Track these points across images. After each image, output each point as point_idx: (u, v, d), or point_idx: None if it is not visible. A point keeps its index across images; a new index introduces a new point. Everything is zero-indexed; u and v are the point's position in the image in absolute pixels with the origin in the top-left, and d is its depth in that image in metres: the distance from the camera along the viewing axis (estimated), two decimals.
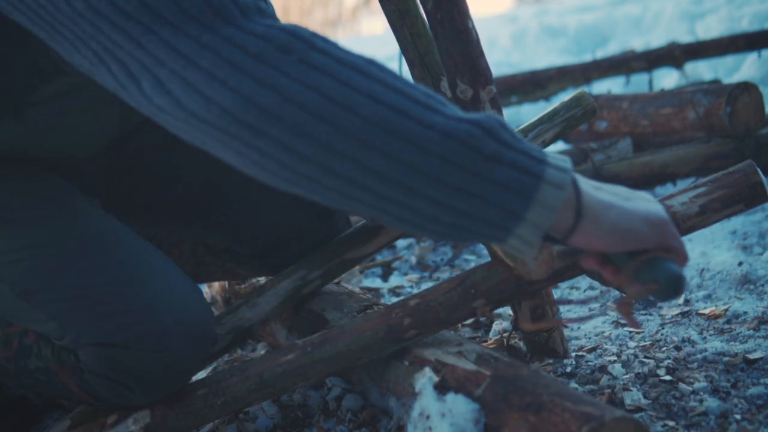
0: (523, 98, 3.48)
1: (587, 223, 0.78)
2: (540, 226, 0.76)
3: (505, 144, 0.74)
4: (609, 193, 0.81)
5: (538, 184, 0.74)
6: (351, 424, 1.15)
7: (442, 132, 0.73)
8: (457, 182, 0.73)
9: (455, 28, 0.98)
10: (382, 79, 0.76)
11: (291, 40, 0.75)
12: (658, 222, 0.80)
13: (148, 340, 1.06)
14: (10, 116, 1.07)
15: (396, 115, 0.73)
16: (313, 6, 16.42)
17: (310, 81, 0.74)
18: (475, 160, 0.73)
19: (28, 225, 1.11)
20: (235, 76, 0.74)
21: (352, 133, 0.73)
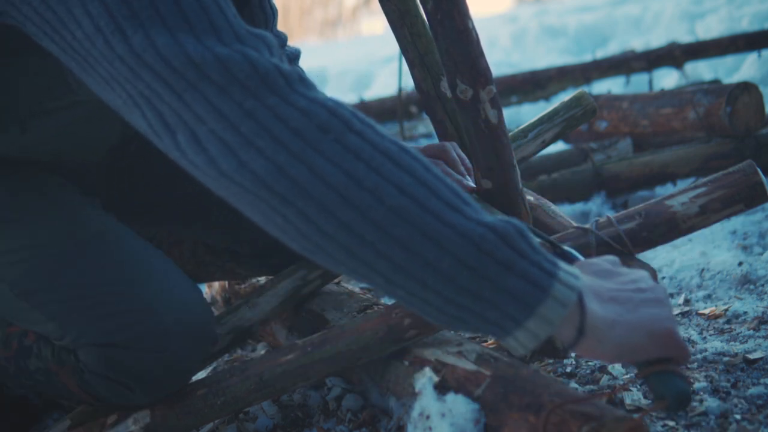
0: (523, 98, 3.49)
1: (589, 341, 0.79)
2: (538, 336, 0.78)
3: (518, 252, 0.76)
4: (617, 303, 0.81)
5: (543, 298, 0.76)
6: (351, 424, 1.15)
7: (460, 233, 0.75)
8: (468, 283, 0.76)
9: (455, 28, 0.98)
10: (411, 170, 0.77)
11: (330, 118, 0.78)
12: (661, 336, 0.81)
13: (148, 340, 1.06)
14: (16, 125, 1.07)
15: (419, 210, 0.76)
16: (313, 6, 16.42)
17: (343, 163, 0.76)
18: (486, 264, 0.75)
19: (28, 225, 1.11)
20: (272, 147, 0.76)
21: (374, 221, 0.75)
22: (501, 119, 1.04)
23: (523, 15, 8.16)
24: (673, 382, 0.81)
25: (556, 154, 2.35)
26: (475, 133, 1.05)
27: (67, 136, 1.12)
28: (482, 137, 1.05)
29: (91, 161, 1.22)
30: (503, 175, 1.08)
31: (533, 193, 1.26)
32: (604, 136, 2.44)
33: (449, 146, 1.17)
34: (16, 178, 1.14)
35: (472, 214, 0.78)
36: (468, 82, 1.00)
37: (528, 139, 1.28)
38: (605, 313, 0.79)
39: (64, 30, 0.82)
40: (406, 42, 1.19)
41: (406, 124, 3.31)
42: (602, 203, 2.13)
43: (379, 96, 3.97)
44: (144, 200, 1.34)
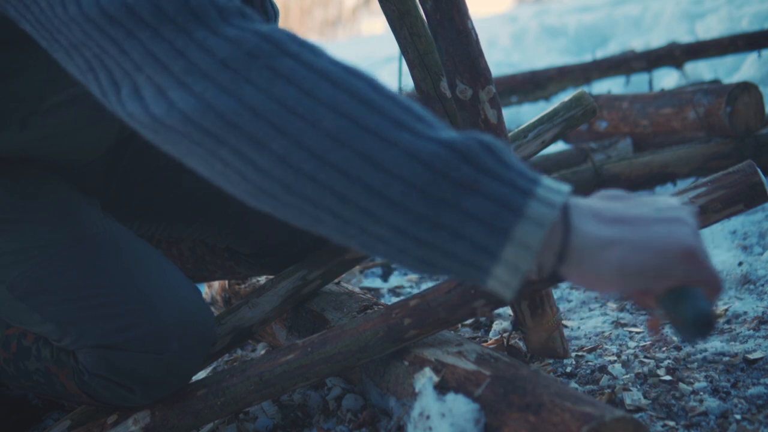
0: (523, 98, 3.49)
1: (579, 266, 0.68)
2: (519, 268, 0.66)
3: (483, 170, 0.66)
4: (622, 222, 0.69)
5: (516, 219, 0.65)
6: (351, 424, 1.15)
7: (405, 151, 0.67)
8: (422, 209, 0.66)
9: (455, 29, 0.98)
10: (352, 89, 0.70)
11: (261, 43, 0.72)
12: (678, 253, 0.68)
13: (148, 341, 1.06)
14: (16, 123, 1.07)
15: (358, 131, 0.68)
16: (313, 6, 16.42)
17: (273, 89, 0.70)
18: (441, 186, 0.66)
19: (28, 226, 1.11)
20: (201, 82, 0.71)
21: (310, 148, 0.68)
22: (500, 119, 1.04)
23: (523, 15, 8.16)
24: (696, 301, 0.68)
25: (556, 154, 2.36)
26: None
27: (65, 134, 1.12)
28: None
29: (90, 161, 1.22)
30: None
31: None
32: (604, 136, 2.44)
33: None
34: (16, 178, 1.14)
35: (425, 131, 0.68)
36: (467, 82, 1.00)
37: (528, 139, 1.28)
38: (602, 232, 0.67)
39: (33, 5, 0.81)
40: (406, 42, 1.19)
41: None
42: None
43: None
44: (143, 199, 1.34)
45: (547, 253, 0.67)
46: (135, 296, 1.07)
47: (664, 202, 0.72)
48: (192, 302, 1.10)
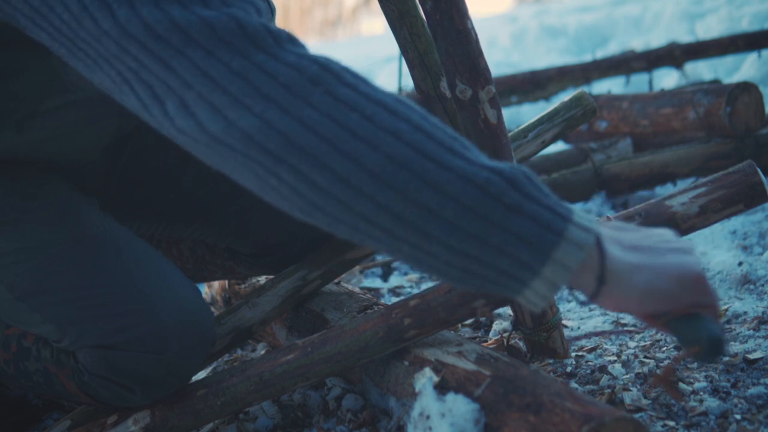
0: (523, 98, 3.49)
1: (611, 288, 0.74)
2: (555, 284, 0.73)
3: (527, 196, 0.73)
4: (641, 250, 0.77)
5: (558, 241, 0.72)
6: (351, 424, 1.15)
7: (461, 176, 0.72)
8: (473, 228, 0.72)
9: (454, 29, 0.98)
10: (407, 118, 0.75)
11: (321, 72, 0.75)
12: (690, 280, 0.76)
13: (148, 341, 1.06)
14: (12, 125, 1.07)
15: (417, 155, 0.72)
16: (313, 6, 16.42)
17: (335, 114, 0.73)
18: (493, 208, 0.71)
19: (27, 227, 1.10)
20: (262, 103, 0.74)
21: (371, 170, 0.72)
22: (500, 119, 1.04)
23: (523, 15, 8.16)
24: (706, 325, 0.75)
25: (556, 154, 2.36)
26: (475, 133, 1.05)
27: (62, 136, 1.12)
28: (482, 137, 1.05)
29: (88, 161, 1.22)
30: None
31: None
32: (604, 136, 2.44)
33: None
34: (16, 179, 1.14)
35: (475, 159, 0.74)
36: (467, 82, 1.00)
37: (528, 139, 1.28)
38: (628, 258, 0.75)
39: (51, 15, 0.81)
40: (406, 42, 1.19)
41: None
42: (602, 203, 2.13)
43: None
44: (142, 199, 1.34)
45: (587, 276, 0.74)
46: (135, 296, 1.07)
47: (666, 234, 0.80)
48: (192, 302, 1.10)
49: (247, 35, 0.76)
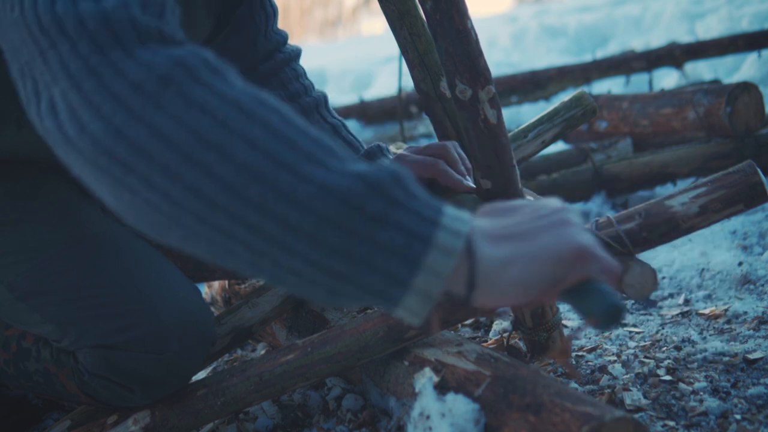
0: (523, 98, 3.49)
1: (484, 290, 0.70)
2: (429, 295, 0.69)
3: (393, 202, 0.68)
4: (513, 239, 0.72)
5: (425, 249, 0.67)
6: (351, 424, 1.15)
7: (320, 186, 0.67)
8: (335, 243, 0.67)
9: (454, 28, 0.98)
10: (265, 122, 0.69)
11: (173, 69, 0.70)
12: (569, 256, 0.71)
13: (148, 341, 1.06)
14: (13, 123, 1.07)
15: (272, 165, 0.67)
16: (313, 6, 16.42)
17: (186, 118, 0.68)
18: (355, 219, 0.67)
19: (27, 227, 1.11)
20: (111, 105, 0.69)
21: (223, 181, 0.67)
22: (500, 119, 1.04)
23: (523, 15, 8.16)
24: (599, 293, 0.71)
25: (556, 154, 2.36)
26: (475, 132, 1.05)
27: None
28: (481, 137, 1.05)
29: None
30: (503, 174, 1.08)
31: (533, 193, 1.26)
32: (604, 136, 2.44)
33: (450, 145, 1.18)
34: (16, 179, 1.14)
35: (337, 166, 0.68)
36: (467, 82, 1.00)
37: (528, 139, 1.28)
38: (498, 253, 0.70)
39: None
40: (406, 42, 1.19)
41: (406, 124, 3.32)
42: (602, 203, 2.13)
43: (379, 96, 3.97)
44: None
45: (457, 281, 0.70)
46: (135, 296, 1.07)
47: (544, 207, 0.75)
48: (192, 302, 1.10)
49: (109, 29, 0.71)
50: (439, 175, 1.15)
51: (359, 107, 3.72)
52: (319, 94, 1.37)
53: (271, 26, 1.35)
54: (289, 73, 1.36)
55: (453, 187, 1.14)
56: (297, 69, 1.38)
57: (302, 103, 1.33)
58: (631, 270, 0.99)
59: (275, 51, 1.36)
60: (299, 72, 1.38)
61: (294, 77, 1.37)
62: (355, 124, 3.66)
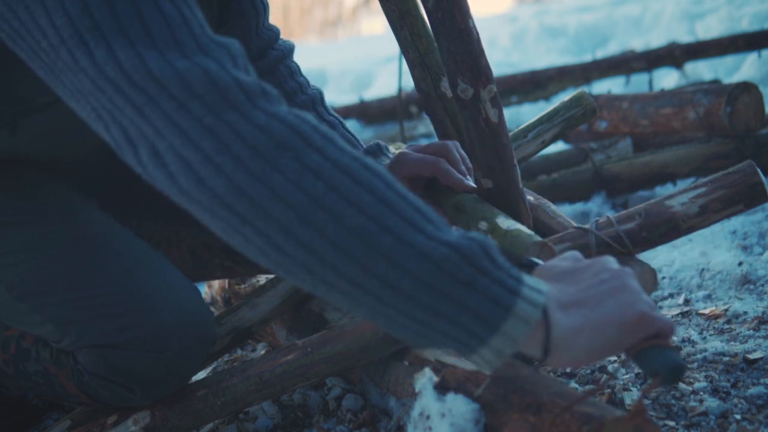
0: (523, 98, 3.49)
1: (558, 354, 0.77)
2: (502, 353, 0.76)
3: (481, 271, 0.75)
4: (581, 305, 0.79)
5: (506, 316, 0.75)
6: (351, 424, 1.15)
7: (419, 252, 0.75)
8: (428, 300, 0.75)
9: (456, 27, 0.98)
10: (371, 188, 0.77)
11: (289, 135, 0.77)
12: (632, 322, 0.78)
13: (148, 341, 1.06)
14: (5, 128, 1.07)
15: (378, 229, 0.75)
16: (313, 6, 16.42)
17: (302, 182, 0.75)
18: (447, 284, 0.74)
19: (27, 227, 1.10)
20: (231, 165, 0.75)
21: (333, 241, 0.75)
22: (502, 118, 1.04)
23: (523, 15, 8.16)
24: (663, 355, 0.78)
25: (556, 154, 2.35)
26: (476, 132, 1.05)
27: (57, 134, 1.11)
28: (483, 136, 1.05)
29: (87, 160, 1.22)
30: (504, 174, 1.08)
31: (533, 193, 1.26)
32: (604, 136, 2.44)
33: (451, 145, 1.17)
34: (15, 179, 1.13)
35: (434, 233, 0.76)
36: (469, 81, 1.00)
37: (528, 139, 1.28)
38: (570, 321, 0.77)
39: (30, 38, 0.82)
40: (406, 42, 1.19)
41: (406, 124, 3.32)
42: (602, 203, 2.13)
43: (379, 96, 3.97)
44: (141, 199, 1.34)
45: (533, 346, 0.77)
46: (135, 296, 1.07)
47: (604, 271, 0.81)
48: (192, 302, 1.10)
49: (219, 91, 0.77)
50: (440, 174, 1.14)
51: (359, 107, 3.72)
52: (314, 91, 1.36)
53: (262, 23, 1.34)
54: (284, 71, 1.35)
55: (454, 186, 1.14)
56: (291, 66, 1.37)
57: (298, 101, 1.32)
58: (632, 270, 0.99)
59: (268, 48, 1.35)
60: (293, 69, 1.37)
61: (289, 75, 1.35)
62: (355, 124, 3.66)
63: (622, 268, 0.82)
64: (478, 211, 1.07)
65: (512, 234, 1.00)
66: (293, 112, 0.79)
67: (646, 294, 0.81)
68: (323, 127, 0.79)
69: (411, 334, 0.78)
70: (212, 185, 0.75)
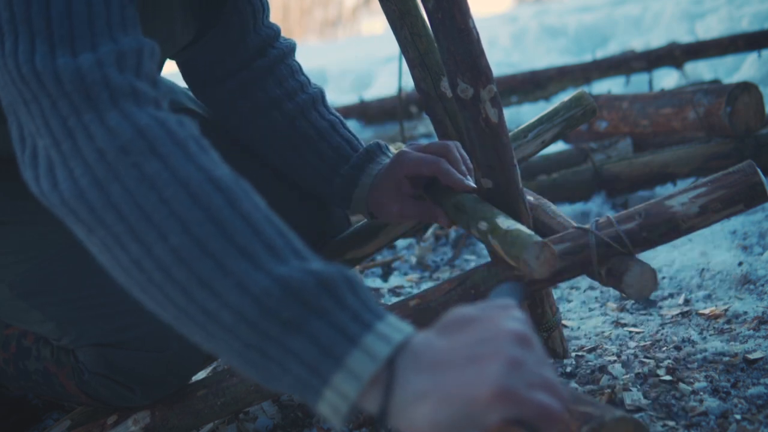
0: (523, 98, 3.49)
1: (399, 420, 0.65)
2: (338, 410, 0.65)
3: (314, 310, 0.66)
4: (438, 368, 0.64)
5: (335, 368, 0.65)
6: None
7: (238, 283, 0.67)
8: (250, 340, 0.67)
9: (456, 27, 0.98)
10: (208, 204, 0.70)
11: (134, 138, 0.73)
12: (484, 400, 0.62)
13: (148, 341, 1.06)
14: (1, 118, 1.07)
15: (199, 252, 0.69)
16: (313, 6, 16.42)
17: (136, 192, 0.71)
18: (268, 323, 0.66)
19: (27, 227, 1.10)
20: (80, 169, 0.73)
21: (158, 260, 0.70)
22: (502, 118, 1.04)
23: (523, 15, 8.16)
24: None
25: (556, 154, 2.35)
26: (476, 132, 1.05)
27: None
28: (483, 136, 1.05)
29: None
30: (504, 174, 1.08)
31: (533, 193, 1.26)
32: (604, 136, 2.44)
33: (452, 145, 1.17)
34: (15, 178, 1.13)
35: (266, 262, 0.68)
36: (469, 81, 1.00)
37: (528, 139, 1.28)
38: (415, 385, 0.64)
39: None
40: (406, 42, 1.19)
41: (406, 124, 3.31)
42: (602, 203, 2.13)
43: (379, 96, 3.97)
44: None
45: (370, 404, 0.66)
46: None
47: (492, 329, 0.66)
48: None
49: (85, 89, 0.75)
50: (440, 174, 1.14)
51: (359, 107, 3.72)
52: (316, 90, 1.35)
53: (260, 20, 1.33)
54: (285, 70, 1.34)
55: (454, 186, 1.14)
56: (292, 65, 1.36)
57: (299, 100, 1.31)
58: (631, 270, 0.99)
59: (268, 46, 1.34)
60: (295, 68, 1.35)
61: (289, 74, 1.34)
62: (355, 124, 3.65)
63: (517, 330, 0.66)
64: (478, 212, 1.07)
65: (512, 234, 1.00)
66: (156, 115, 0.75)
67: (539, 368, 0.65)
68: (184, 133, 0.74)
69: (255, 376, 0.70)
70: (63, 189, 0.73)
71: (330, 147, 1.28)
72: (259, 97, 1.30)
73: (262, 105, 1.30)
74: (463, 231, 2.00)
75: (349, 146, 1.28)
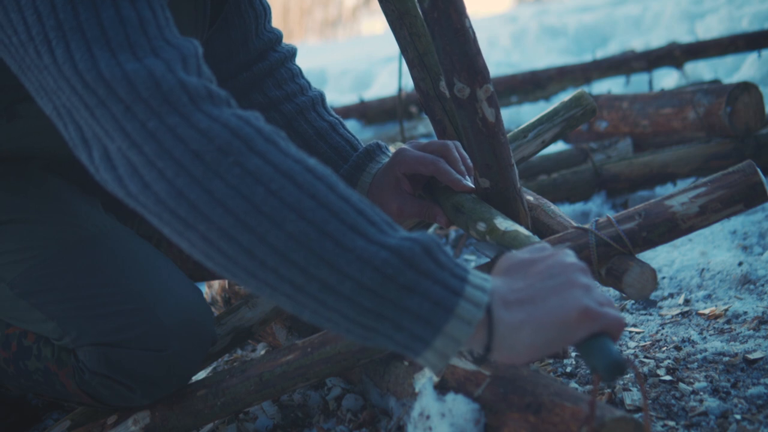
0: (523, 98, 3.49)
1: (500, 351, 0.78)
2: (447, 354, 0.77)
3: (422, 273, 0.76)
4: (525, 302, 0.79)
5: (448, 318, 0.76)
6: (351, 424, 1.15)
7: (359, 257, 0.75)
8: (369, 304, 0.76)
9: (452, 27, 0.97)
10: (313, 192, 0.77)
11: (231, 139, 0.77)
12: (573, 319, 0.77)
13: (149, 340, 1.06)
14: (2, 116, 1.07)
15: (318, 234, 0.76)
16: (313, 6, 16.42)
17: (242, 187, 0.76)
18: (388, 288, 0.75)
19: (28, 226, 1.11)
20: (173, 169, 0.76)
21: (273, 246, 0.76)
22: (498, 118, 1.04)
23: (523, 15, 8.16)
24: (604, 351, 0.77)
25: (556, 154, 2.35)
26: (473, 131, 1.05)
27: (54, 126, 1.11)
28: (479, 135, 1.05)
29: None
30: (501, 173, 1.08)
31: (533, 193, 1.26)
32: (604, 136, 2.44)
33: (451, 145, 1.17)
34: (16, 178, 1.13)
35: (376, 236, 0.77)
36: (465, 80, 1.00)
37: (528, 139, 1.28)
38: (512, 319, 0.77)
39: (2, 33, 0.84)
40: (406, 42, 1.19)
41: (406, 124, 3.31)
42: (602, 203, 2.13)
43: (379, 96, 3.97)
44: None
45: (476, 344, 0.78)
46: (135, 296, 1.07)
47: (555, 266, 0.81)
48: (192, 302, 1.10)
49: (162, 93, 0.78)
50: (439, 174, 1.14)
51: (359, 107, 3.72)
52: (315, 92, 1.36)
53: (262, 24, 1.34)
54: (285, 73, 1.35)
55: (452, 186, 1.14)
56: (293, 69, 1.37)
57: (298, 102, 1.32)
58: (631, 270, 0.99)
59: (269, 50, 1.35)
60: (295, 72, 1.37)
61: (290, 77, 1.36)
62: (355, 124, 3.65)
63: (575, 262, 0.81)
64: (476, 212, 1.07)
65: (510, 235, 1.00)
66: (238, 114, 0.80)
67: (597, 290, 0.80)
68: (269, 129, 0.80)
69: (356, 336, 0.78)
70: (156, 190, 0.77)
71: (329, 147, 1.29)
72: (258, 98, 1.31)
73: (261, 106, 1.31)
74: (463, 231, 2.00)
75: (348, 146, 1.29)
